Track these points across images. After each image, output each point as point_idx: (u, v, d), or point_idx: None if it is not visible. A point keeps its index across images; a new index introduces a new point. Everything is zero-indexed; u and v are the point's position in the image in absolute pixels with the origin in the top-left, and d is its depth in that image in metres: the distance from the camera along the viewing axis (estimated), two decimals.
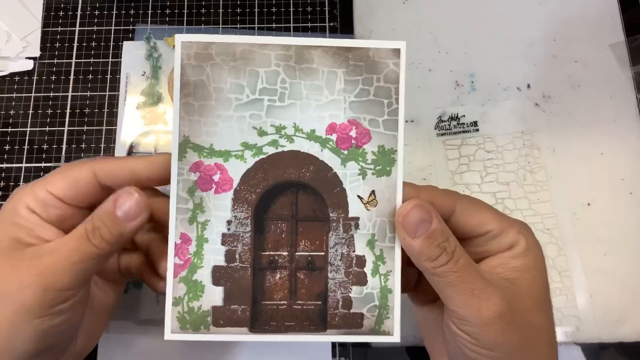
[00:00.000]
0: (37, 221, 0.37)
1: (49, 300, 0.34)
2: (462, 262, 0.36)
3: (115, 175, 0.39)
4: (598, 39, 0.61)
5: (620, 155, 0.58)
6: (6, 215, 0.37)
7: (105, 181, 0.39)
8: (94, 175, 0.38)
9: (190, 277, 0.38)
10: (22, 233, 0.37)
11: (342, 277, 0.39)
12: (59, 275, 0.34)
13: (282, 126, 0.38)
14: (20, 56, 0.62)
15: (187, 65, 0.38)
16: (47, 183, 0.38)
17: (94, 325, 0.42)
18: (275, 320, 0.39)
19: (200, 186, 0.38)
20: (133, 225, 0.37)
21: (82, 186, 0.38)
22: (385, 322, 0.39)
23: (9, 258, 0.36)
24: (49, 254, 0.35)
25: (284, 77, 0.38)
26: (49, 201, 0.38)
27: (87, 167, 0.38)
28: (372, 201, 0.39)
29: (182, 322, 0.38)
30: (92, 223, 0.36)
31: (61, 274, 0.35)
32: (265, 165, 0.39)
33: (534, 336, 0.37)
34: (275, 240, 0.39)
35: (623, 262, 0.56)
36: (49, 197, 0.38)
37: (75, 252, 0.35)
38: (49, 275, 0.34)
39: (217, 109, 0.38)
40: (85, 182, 0.38)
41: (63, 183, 0.38)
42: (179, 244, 0.38)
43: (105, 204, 0.37)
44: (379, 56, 0.38)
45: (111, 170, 0.39)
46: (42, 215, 0.38)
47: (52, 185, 0.38)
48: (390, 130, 0.39)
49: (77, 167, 0.39)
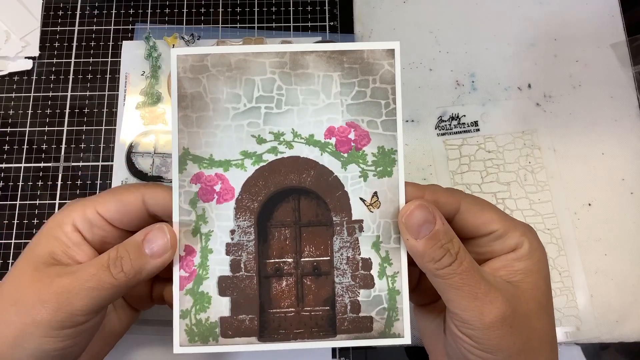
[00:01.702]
0: (77, 241, 0.37)
1: (59, 321, 0.34)
2: (465, 264, 0.36)
3: (163, 205, 0.39)
4: (599, 38, 0.61)
5: (621, 155, 0.58)
6: (51, 227, 0.38)
7: (153, 209, 0.39)
8: (143, 202, 0.38)
9: (196, 289, 0.38)
10: (59, 250, 0.37)
11: (349, 280, 0.38)
12: (72, 297, 0.34)
13: (281, 132, 0.38)
14: (20, 56, 0.61)
15: (183, 79, 0.38)
16: (97, 203, 0.38)
17: (99, 349, 0.42)
18: (284, 328, 0.38)
19: (202, 197, 0.38)
20: (156, 263, 0.37)
21: (131, 211, 0.38)
22: (395, 325, 0.38)
23: (36, 270, 0.36)
24: (69, 275, 0.35)
25: (279, 84, 0.38)
26: (95, 222, 0.38)
27: (138, 193, 0.38)
28: (374, 203, 0.38)
29: (190, 334, 0.38)
30: (117, 251, 0.36)
31: (75, 297, 0.34)
32: (265, 173, 0.38)
33: (536, 340, 0.37)
34: (280, 247, 0.39)
35: (623, 262, 0.56)
36: (97, 217, 0.38)
37: (92, 278, 0.35)
38: (64, 295, 0.34)
39: (215, 119, 0.38)
40: (134, 207, 0.38)
41: (113, 206, 0.38)
42: (183, 256, 0.38)
43: (136, 235, 0.37)
44: (374, 58, 0.38)
45: (160, 199, 0.39)
46: (85, 235, 0.38)
47: (102, 207, 0.38)
48: (389, 131, 0.39)
49: (128, 192, 0.39)
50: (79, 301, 0.34)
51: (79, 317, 0.35)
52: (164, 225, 0.37)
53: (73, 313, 0.34)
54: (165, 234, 0.37)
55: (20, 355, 0.34)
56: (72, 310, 0.34)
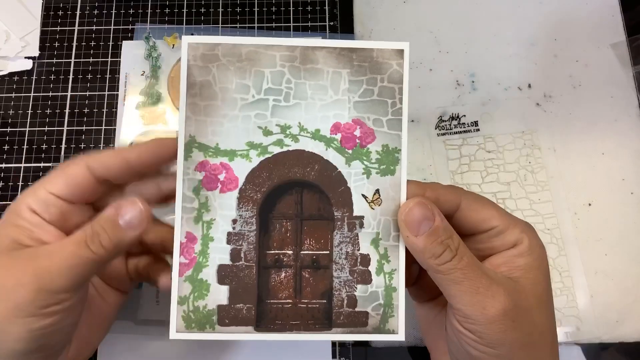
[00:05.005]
0: (38, 222, 0.38)
1: (42, 300, 0.34)
2: (466, 260, 0.36)
3: (108, 166, 0.39)
4: (599, 38, 0.62)
5: (621, 155, 0.58)
6: (9, 216, 0.38)
7: (100, 173, 0.39)
8: (88, 169, 0.39)
9: (195, 276, 0.38)
10: (23, 235, 0.37)
11: (347, 275, 0.39)
12: (54, 277, 0.35)
13: (287, 126, 0.39)
14: (19, 56, 0.61)
15: (193, 66, 0.38)
16: (46, 183, 0.38)
17: (89, 331, 0.42)
18: (281, 319, 0.39)
19: (206, 185, 0.38)
20: (133, 234, 0.37)
21: (79, 182, 0.39)
22: (390, 321, 0.39)
23: (8, 257, 0.36)
24: (46, 255, 0.35)
25: (289, 78, 0.38)
26: (49, 201, 0.38)
27: (81, 162, 0.39)
28: (376, 200, 0.39)
29: (187, 321, 0.38)
30: (92, 228, 0.36)
31: (57, 276, 0.35)
32: (270, 165, 0.39)
33: (537, 335, 0.37)
34: (280, 239, 0.39)
35: (624, 262, 0.56)
36: (49, 196, 0.38)
37: (72, 256, 0.35)
38: (45, 276, 0.34)
39: (223, 108, 0.38)
40: (81, 177, 0.39)
41: (61, 181, 0.38)
42: (184, 243, 0.38)
43: (107, 210, 0.37)
44: (383, 57, 0.39)
45: (104, 161, 0.39)
46: (43, 215, 0.38)
47: (51, 185, 0.38)
48: (394, 130, 0.39)
49: (73, 164, 0.39)
50: (61, 279, 0.35)
51: (61, 295, 0.35)
52: (134, 198, 0.37)
53: (55, 291, 0.35)
54: (137, 204, 0.37)
55: (8, 341, 0.34)
56: (54, 289, 0.34)
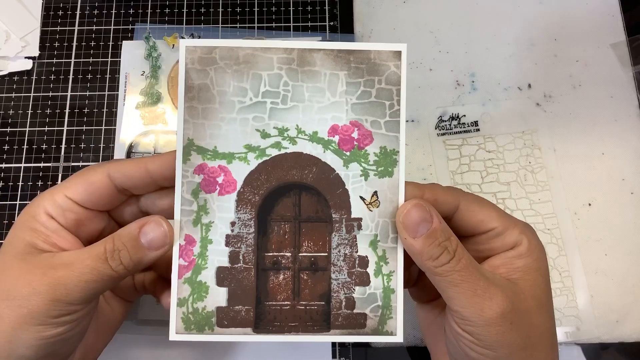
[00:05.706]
0: (55, 227, 0.37)
1: (55, 310, 0.34)
2: (464, 261, 0.36)
3: (129, 175, 0.39)
4: (599, 38, 0.61)
5: (621, 155, 0.58)
6: (25, 219, 0.38)
7: (121, 182, 0.39)
8: (109, 178, 0.38)
9: (194, 278, 0.38)
10: (39, 239, 0.37)
11: (345, 277, 0.39)
12: (70, 290, 0.34)
13: (285, 128, 0.39)
14: (19, 56, 0.61)
15: (191, 70, 0.38)
16: (64, 188, 0.38)
17: (95, 339, 0.42)
18: (279, 320, 0.39)
19: (204, 188, 0.38)
20: (154, 255, 0.37)
21: (99, 189, 0.38)
22: (389, 322, 0.39)
23: (23, 261, 0.36)
24: (64, 266, 0.35)
25: (286, 80, 0.38)
26: (67, 206, 0.38)
27: (102, 170, 0.38)
28: (374, 202, 0.39)
29: (186, 322, 0.38)
30: (113, 244, 0.36)
31: (73, 289, 0.35)
32: (268, 167, 0.39)
33: (536, 337, 0.37)
34: (279, 241, 0.39)
35: (623, 262, 0.56)
36: (67, 201, 0.38)
37: (90, 271, 0.35)
38: (61, 288, 0.34)
39: (221, 111, 0.38)
40: (101, 184, 0.38)
41: (80, 187, 0.38)
42: (183, 246, 0.38)
43: (130, 227, 0.37)
44: (380, 58, 0.39)
45: (125, 170, 0.38)
46: (59, 220, 0.38)
47: (70, 190, 0.38)
48: (391, 132, 0.39)
49: (93, 170, 0.39)
50: (76, 293, 0.35)
51: (74, 307, 0.35)
52: (159, 218, 0.37)
53: (70, 303, 0.35)
54: (161, 225, 0.37)
55: (18, 347, 0.34)
56: (69, 300, 0.34)
